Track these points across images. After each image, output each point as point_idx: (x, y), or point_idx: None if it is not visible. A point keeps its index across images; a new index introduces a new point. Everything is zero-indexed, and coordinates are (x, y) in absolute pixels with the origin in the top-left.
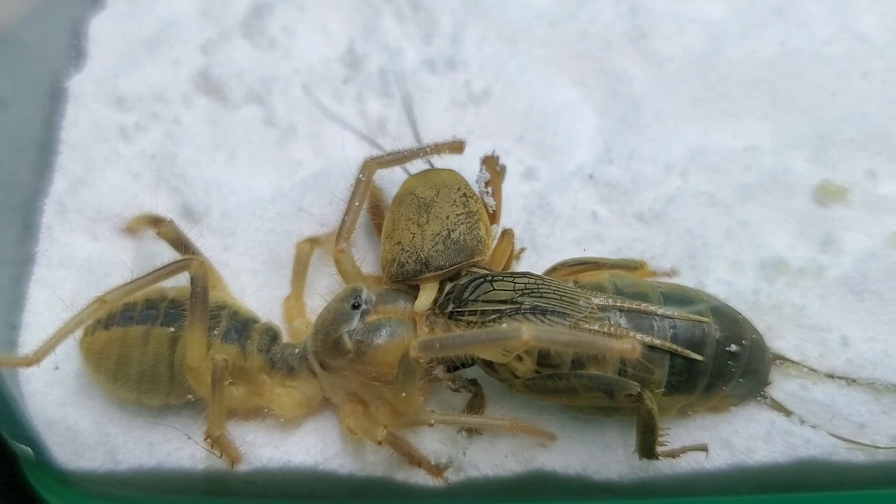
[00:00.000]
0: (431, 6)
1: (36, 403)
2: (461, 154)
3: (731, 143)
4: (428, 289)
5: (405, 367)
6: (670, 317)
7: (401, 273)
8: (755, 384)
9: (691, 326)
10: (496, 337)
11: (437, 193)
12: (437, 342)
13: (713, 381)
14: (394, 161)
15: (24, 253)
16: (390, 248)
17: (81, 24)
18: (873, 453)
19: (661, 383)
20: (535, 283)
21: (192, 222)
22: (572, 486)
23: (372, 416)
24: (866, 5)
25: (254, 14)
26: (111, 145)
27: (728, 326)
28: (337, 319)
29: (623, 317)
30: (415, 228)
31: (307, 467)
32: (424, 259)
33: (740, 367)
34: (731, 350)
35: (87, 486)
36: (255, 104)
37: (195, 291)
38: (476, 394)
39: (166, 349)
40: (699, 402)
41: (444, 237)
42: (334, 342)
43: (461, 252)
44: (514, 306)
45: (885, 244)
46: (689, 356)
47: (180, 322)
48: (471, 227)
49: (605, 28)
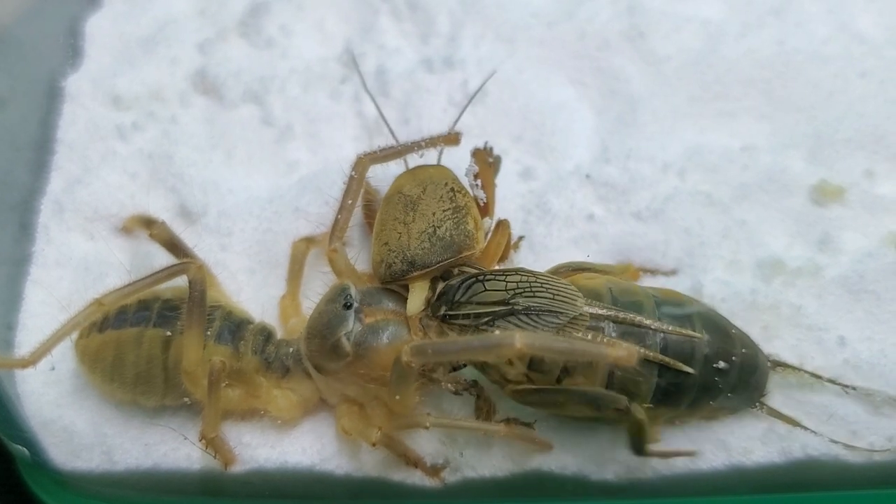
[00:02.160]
0: (429, 5)
1: (32, 404)
2: (457, 146)
3: (729, 142)
4: (417, 289)
5: (398, 371)
6: (664, 331)
7: (389, 274)
8: (746, 397)
9: (682, 340)
10: (489, 344)
11: (423, 190)
12: (429, 348)
13: (699, 396)
14: (387, 156)
15: (21, 253)
16: (378, 248)
17: (78, 24)
18: (870, 455)
19: (647, 396)
20: (527, 280)
21: (189, 222)
22: (569, 486)
23: (367, 417)
24: (864, 5)
25: (251, 13)
26: (108, 144)
27: (719, 341)
28: (332, 322)
29: (615, 329)
30: (401, 228)
31: (304, 468)
32: (410, 258)
33: (728, 384)
34: (719, 367)
35: (84, 487)
36: (252, 103)
37: (193, 295)
38: (479, 396)
39: (160, 351)
40: (685, 414)
41: (429, 234)
42: (332, 346)
43: (448, 248)
44: (507, 308)
45: (882, 244)
46: (681, 369)
47: (173, 324)
48: (458, 222)
49: (602, 27)
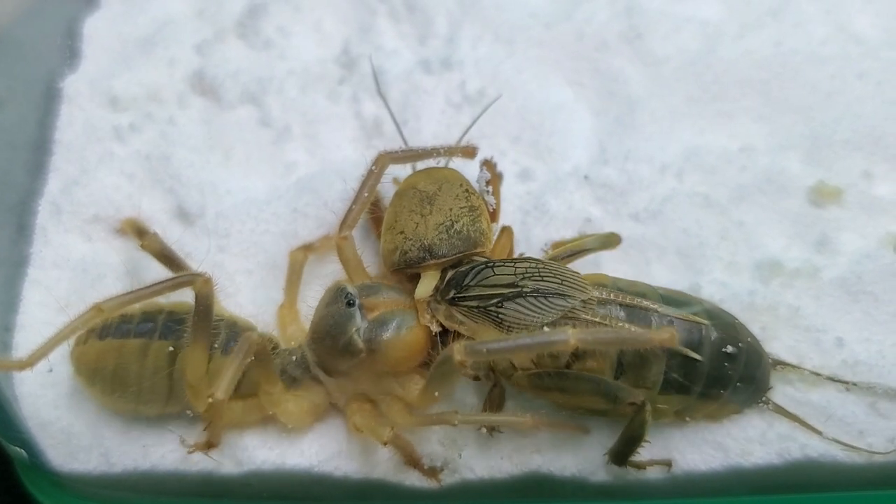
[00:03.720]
0: (427, 6)
1: (30, 405)
2: (473, 159)
3: (727, 143)
4: (429, 276)
5: (445, 370)
6: (669, 316)
7: (403, 261)
8: (754, 390)
9: (689, 327)
10: (543, 342)
11: (439, 188)
12: (484, 347)
13: (710, 384)
14: (407, 158)
15: (19, 254)
16: (392, 238)
17: (76, 24)
18: (869, 456)
19: (657, 383)
20: (536, 266)
21: (187, 223)
22: (568, 487)
23: (381, 415)
24: (861, 6)
25: (249, 14)
26: (105, 146)
27: (724, 328)
28: (339, 322)
29: (623, 311)
30: (418, 218)
31: (302, 469)
32: (428, 246)
33: (737, 370)
34: (728, 352)
35: (82, 489)
36: (250, 104)
37: (199, 309)
38: (496, 383)
39: (166, 363)
40: (697, 406)
41: (447, 227)
42: (344, 345)
43: (464, 242)
44: (516, 290)
45: (880, 245)
46: (688, 355)
47: (179, 336)
48: (473, 219)
49: (600, 28)
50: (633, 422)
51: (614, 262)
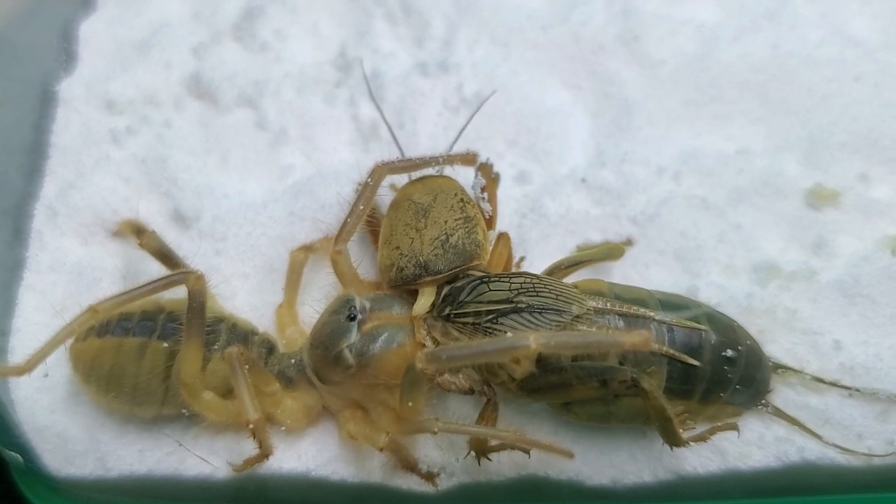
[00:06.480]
0: (423, 9)
1: (26, 410)
2: (473, 166)
3: (724, 146)
4: (426, 293)
5: (411, 378)
6: (668, 322)
7: (400, 278)
8: (754, 392)
9: (688, 332)
10: (504, 346)
11: (434, 199)
12: (443, 354)
13: (711, 388)
14: (404, 168)
15: (14, 258)
16: (389, 252)
17: (72, 27)
18: (868, 459)
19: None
20: (531, 282)
21: (184, 227)
22: (565, 491)
23: (373, 422)
24: (858, 8)
25: (245, 17)
26: (102, 149)
27: (724, 332)
28: (335, 334)
29: (621, 320)
30: (413, 233)
31: (299, 474)
32: (423, 263)
33: (737, 373)
34: (728, 355)
35: (78, 493)
36: (246, 107)
37: (192, 306)
38: (489, 399)
39: (163, 363)
40: (698, 409)
41: (442, 241)
42: (335, 357)
43: (460, 256)
44: (511, 306)
45: (877, 247)
46: (687, 361)
47: (178, 336)
48: (469, 231)
49: (597, 31)
50: (647, 407)
51: (612, 265)
